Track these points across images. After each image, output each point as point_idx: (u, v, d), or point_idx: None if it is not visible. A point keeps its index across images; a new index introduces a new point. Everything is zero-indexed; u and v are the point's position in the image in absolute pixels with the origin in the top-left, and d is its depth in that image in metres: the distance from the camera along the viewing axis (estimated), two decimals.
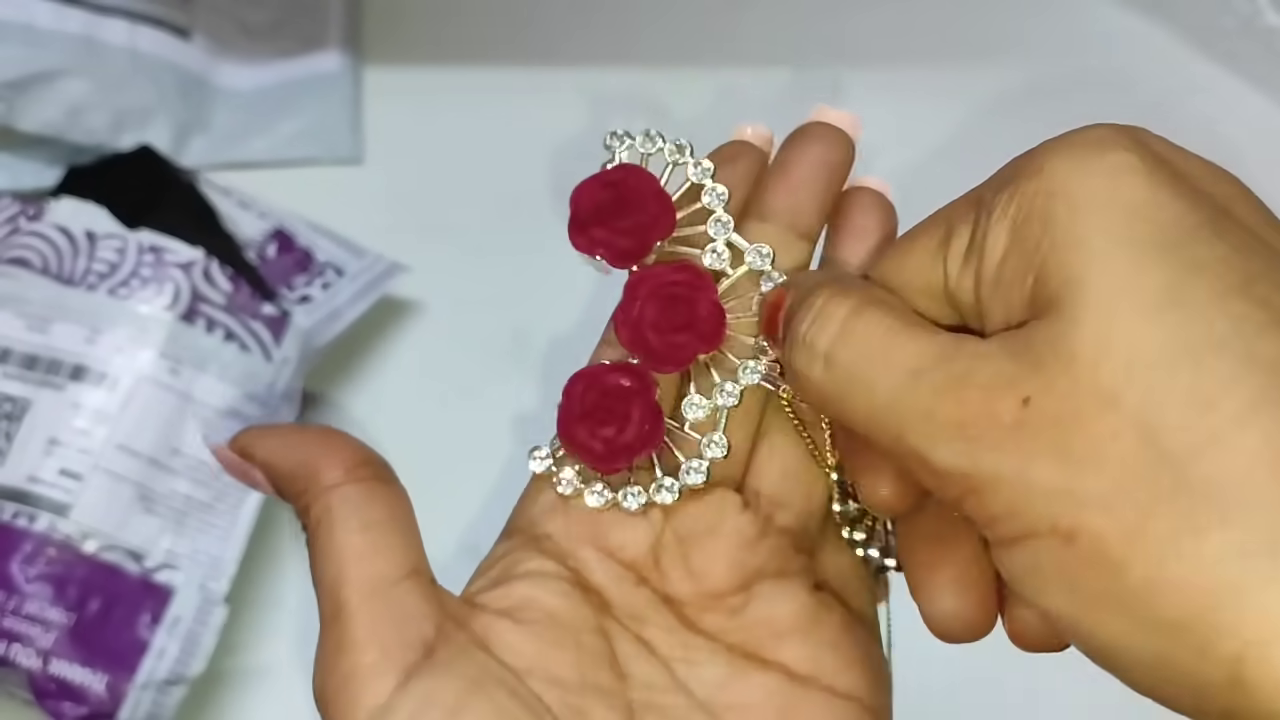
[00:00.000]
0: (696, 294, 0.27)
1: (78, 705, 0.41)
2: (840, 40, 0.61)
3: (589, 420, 0.27)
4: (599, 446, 0.27)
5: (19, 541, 0.41)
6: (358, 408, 0.52)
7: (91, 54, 0.51)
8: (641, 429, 0.27)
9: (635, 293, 0.27)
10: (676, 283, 0.27)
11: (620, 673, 0.27)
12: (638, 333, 0.27)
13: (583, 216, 0.28)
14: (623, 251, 0.28)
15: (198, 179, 0.51)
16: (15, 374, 0.43)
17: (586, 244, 0.28)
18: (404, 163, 0.57)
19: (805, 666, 0.28)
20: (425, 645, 0.25)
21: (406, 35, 0.60)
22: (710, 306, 0.27)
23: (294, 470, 0.27)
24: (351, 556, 0.26)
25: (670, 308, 0.27)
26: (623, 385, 0.27)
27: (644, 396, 0.27)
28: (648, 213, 0.28)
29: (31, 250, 0.44)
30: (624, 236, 0.28)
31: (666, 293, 0.27)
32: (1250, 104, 0.60)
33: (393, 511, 0.27)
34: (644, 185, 0.28)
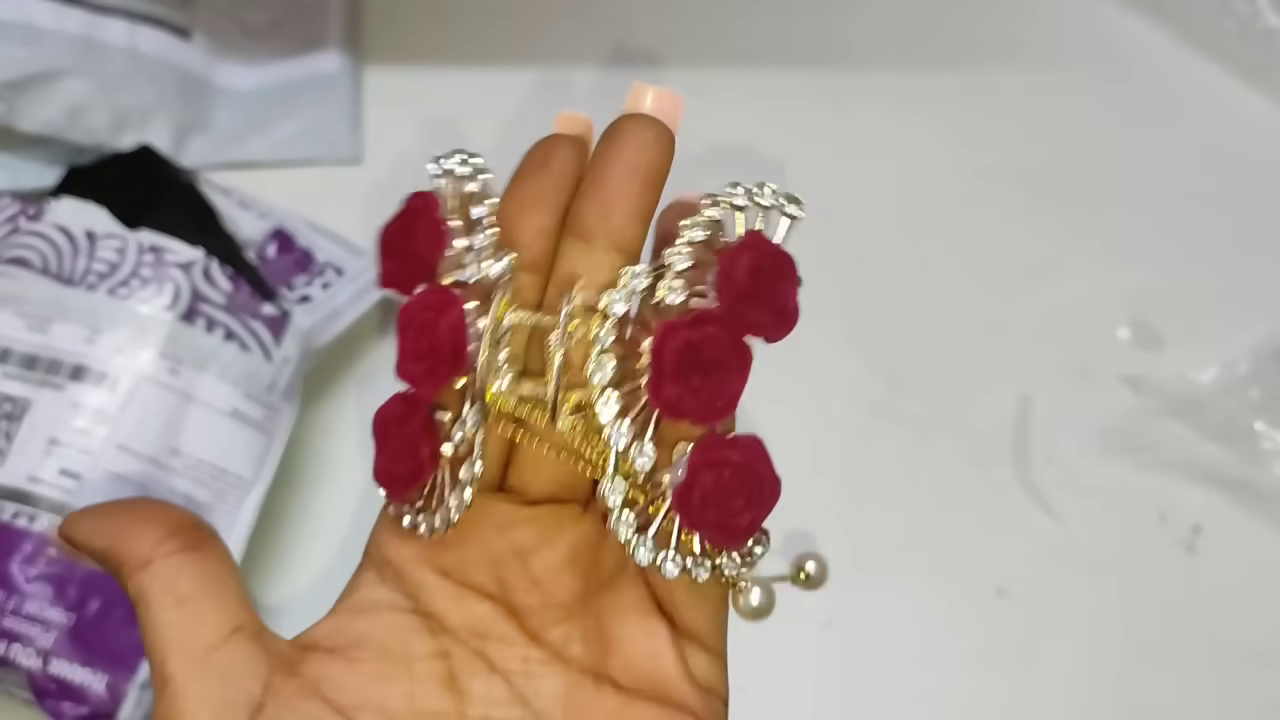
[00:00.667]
0: (438, 317, 0.27)
1: (78, 705, 0.41)
2: (840, 41, 0.61)
3: (378, 452, 0.28)
4: (383, 477, 0.28)
5: (19, 541, 0.41)
6: (358, 408, 0.52)
7: (91, 54, 0.51)
8: (408, 458, 0.27)
9: (400, 322, 0.28)
10: (425, 306, 0.27)
11: (459, 691, 0.28)
12: (400, 362, 0.28)
13: (380, 253, 0.29)
14: (401, 279, 0.28)
15: (198, 179, 0.51)
16: (15, 374, 0.43)
17: (383, 279, 0.28)
18: (404, 163, 0.57)
19: (638, 679, 0.28)
20: (252, 704, 0.26)
21: (406, 35, 0.60)
22: (449, 329, 0.27)
23: (107, 552, 0.28)
24: (169, 632, 0.26)
25: (419, 334, 0.27)
26: (393, 414, 0.28)
27: (409, 425, 0.28)
28: (419, 240, 0.28)
29: (31, 250, 0.44)
30: (409, 264, 0.28)
31: (418, 319, 0.27)
32: (1250, 104, 0.60)
33: (204, 577, 0.27)
34: (424, 213, 0.28)
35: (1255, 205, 0.59)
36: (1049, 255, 0.57)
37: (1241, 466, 0.51)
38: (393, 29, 0.60)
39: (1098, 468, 0.52)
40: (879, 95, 0.60)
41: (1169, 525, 0.52)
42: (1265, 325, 0.55)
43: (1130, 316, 0.56)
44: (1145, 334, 0.55)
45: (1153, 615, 0.50)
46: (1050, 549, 0.51)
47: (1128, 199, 0.59)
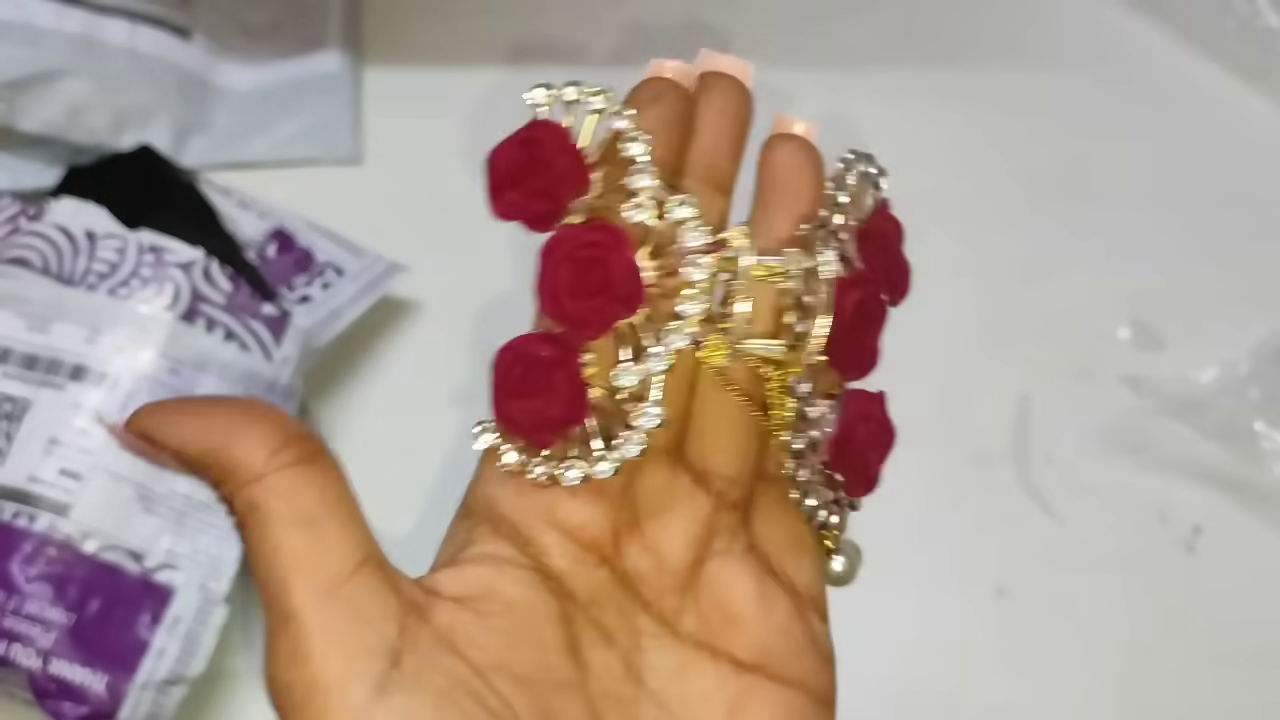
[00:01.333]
0: (610, 254, 0.25)
1: (78, 705, 0.41)
2: (840, 40, 0.61)
3: (515, 395, 0.26)
4: (526, 420, 0.26)
5: (19, 541, 0.41)
6: (358, 408, 0.52)
7: (91, 54, 0.51)
8: (567, 401, 0.25)
9: (550, 258, 0.25)
10: (591, 243, 0.25)
11: (580, 662, 0.25)
12: (554, 299, 0.25)
13: (498, 179, 0.26)
14: (538, 215, 0.26)
15: (198, 179, 0.51)
16: (15, 374, 0.43)
17: (504, 210, 0.26)
18: (404, 163, 0.57)
19: (754, 655, 0.27)
20: (391, 651, 0.23)
21: (406, 35, 0.60)
22: (624, 267, 0.25)
23: (207, 457, 0.24)
24: (293, 559, 0.23)
25: (586, 271, 0.25)
26: (544, 356, 0.26)
27: (566, 367, 0.25)
28: (556, 170, 0.26)
29: (31, 250, 0.44)
30: (537, 198, 0.26)
31: (580, 255, 0.25)
32: (1250, 104, 0.60)
33: (327, 496, 0.24)
34: (554, 140, 0.26)
35: (1255, 205, 0.59)
36: (1049, 255, 0.57)
37: (1241, 466, 0.51)
38: (393, 29, 0.60)
39: (1098, 468, 0.52)
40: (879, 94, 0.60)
41: (1169, 525, 0.52)
42: (1265, 325, 0.54)
43: (1130, 316, 0.56)
44: (1145, 334, 0.55)
45: (1153, 615, 0.50)
46: (1050, 549, 0.51)
47: (1128, 199, 0.58)
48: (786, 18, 0.62)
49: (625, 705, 0.25)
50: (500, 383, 0.26)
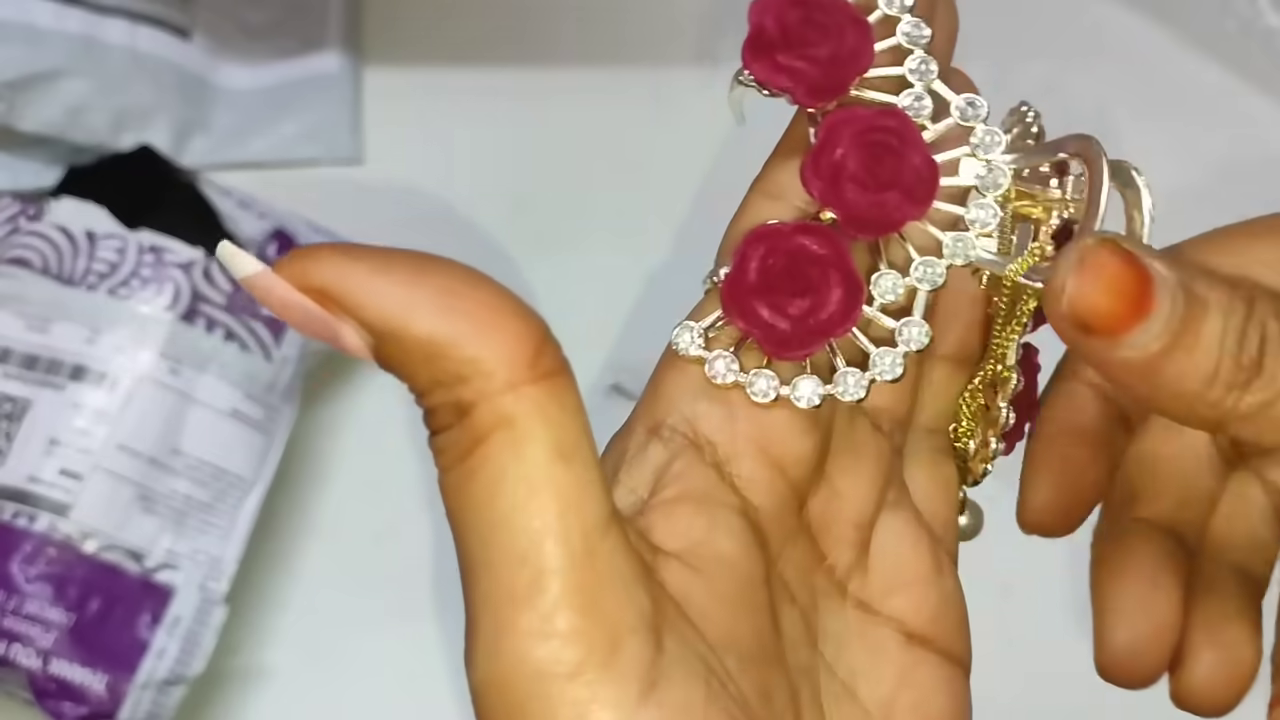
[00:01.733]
0: (907, 146, 0.22)
1: (78, 705, 0.41)
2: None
3: (773, 292, 0.21)
4: (785, 325, 0.21)
5: (19, 541, 0.41)
6: (358, 408, 0.52)
7: (91, 54, 0.51)
8: (843, 304, 0.21)
9: (834, 137, 0.22)
10: (885, 129, 0.22)
11: (778, 629, 0.21)
12: (835, 186, 0.22)
13: (767, 38, 0.22)
14: (814, 85, 0.22)
15: (198, 179, 0.51)
16: (15, 374, 0.43)
17: (767, 71, 0.22)
18: (404, 163, 0.57)
19: (925, 625, 0.23)
20: (653, 630, 0.18)
21: (406, 35, 0.60)
22: (923, 161, 0.22)
23: (443, 344, 0.18)
24: (559, 499, 0.18)
25: (877, 159, 0.22)
26: (815, 251, 0.21)
27: (841, 265, 0.21)
28: (845, 43, 0.22)
29: (31, 250, 0.44)
30: (817, 67, 0.22)
31: (873, 140, 0.22)
32: (1250, 104, 0.60)
33: (583, 421, 0.19)
34: (840, 9, 0.23)
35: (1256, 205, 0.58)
36: None
37: None
38: (393, 29, 0.60)
39: None
40: None
41: None
42: None
43: None
44: None
45: None
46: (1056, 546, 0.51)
47: None
48: None
49: (811, 678, 0.22)
50: (752, 277, 0.22)
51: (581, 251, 0.55)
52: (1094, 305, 0.20)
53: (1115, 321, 0.20)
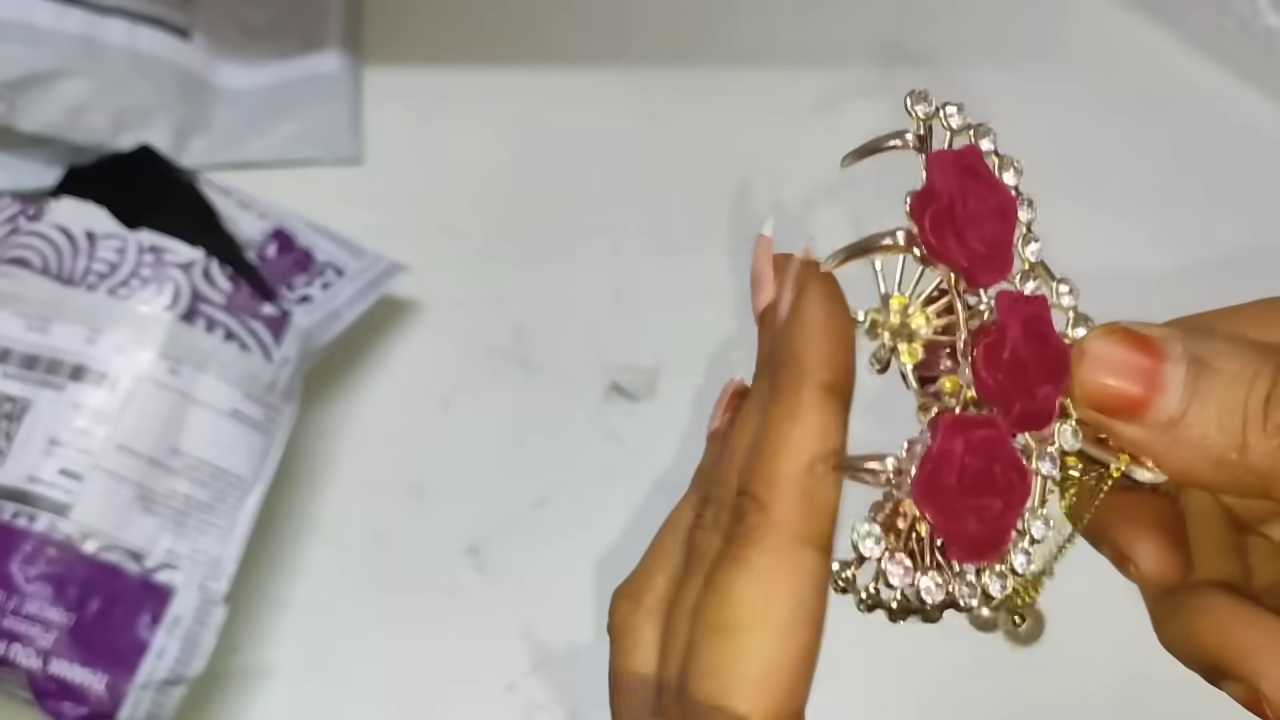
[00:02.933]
0: (1050, 332, 0.21)
1: (78, 705, 0.41)
2: (840, 40, 0.61)
3: (969, 493, 0.20)
4: (978, 528, 0.20)
5: (19, 541, 0.41)
6: (358, 408, 0.52)
7: (91, 54, 0.51)
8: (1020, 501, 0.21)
9: (1010, 324, 0.21)
10: (1039, 317, 0.21)
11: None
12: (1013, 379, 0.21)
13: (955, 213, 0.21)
14: (988, 269, 0.21)
15: (198, 179, 0.51)
16: (15, 374, 0.43)
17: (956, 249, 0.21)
18: (404, 163, 0.57)
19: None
20: None
21: (406, 35, 0.60)
22: (1061, 349, 0.21)
23: None
24: None
25: (1040, 350, 0.21)
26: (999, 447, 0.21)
27: (1016, 460, 0.21)
28: (1009, 226, 0.22)
29: (31, 250, 0.44)
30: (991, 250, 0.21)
31: (1035, 330, 0.21)
32: (1250, 104, 0.60)
33: None
34: (1000, 189, 0.22)
35: (1255, 204, 0.59)
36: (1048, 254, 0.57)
37: None
38: (393, 29, 0.60)
39: None
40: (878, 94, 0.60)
41: None
42: None
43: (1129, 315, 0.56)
44: None
45: None
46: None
47: (1127, 198, 0.58)
48: (786, 18, 0.61)
49: None
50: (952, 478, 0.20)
51: (580, 251, 0.55)
52: (1104, 390, 0.21)
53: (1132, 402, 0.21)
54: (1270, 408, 0.21)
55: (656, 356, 0.53)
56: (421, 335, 0.53)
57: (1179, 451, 0.21)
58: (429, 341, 0.53)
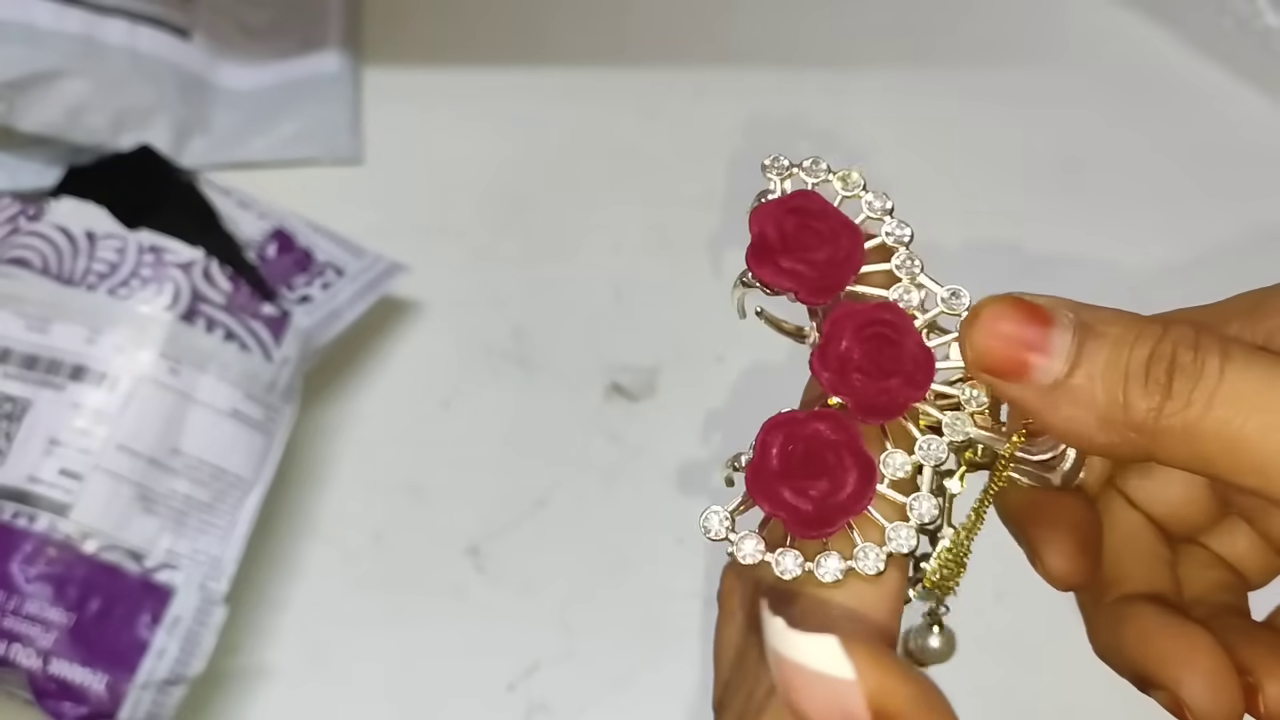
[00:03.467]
0: (904, 336, 0.24)
1: (78, 705, 0.41)
2: (840, 40, 0.61)
3: (794, 476, 0.23)
4: (808, 506, 0.23)
5: (19, 541, 0.41)
6: (358, 408, 0.52)
7: (91, 54, 0.51)
8: (858, 484, 0.23)
9: (838, 331, 0.24)
10: (883, 321, 0.24)
11: None
12: (843, 376, 0.24)
13: (769, 244, 0.25)
14: (815, 286, 0.25)
15: (198, 179, 0.51)
16: (15, 374, 0.43)
17: (773, 274, 0.25)
18: (404, 163, 0.57)
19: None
20: None
21: (406, 35, 0.60)
22: (918, 348, 0.24)
23: None
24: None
25: (879, 350, 0.24)
26: (829, 435, 0.24)
27: (854, 447, 0.24)
28: (840, 247, 0.25)
29: (31, 250, 0.44)
30: (816, 270, 0.25)
31: (873, 332, 0.24)
32: (1249, 102, 0.60)
33: None
34: (832, 216, 0.25)
35: (1255, 203, 0.59)
36: (1048, 254, 0.57)
37: None
38: (393, 29, 0.60)
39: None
40: (878, 94, 0.60)
41: None
42: None
43: None
44: None
45: None
46: None
47: (1127, 197, 0.58)
48: (786, 18, 0.62)
49: None
50: (773, 463, 0.24)
51: (580, 251, 0.55)
52: (993, 350, 0.22)
53: (1016, 363, 0.22)
54: (1151, 365, 0.21)
55: (656, 356, 0.53)
56: (421, 335, 0.53)
57: (1063, 411, 0.22)
58: (429, 341, 0.53)
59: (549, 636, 0.48)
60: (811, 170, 0.26)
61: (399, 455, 0.51)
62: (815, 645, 0.18)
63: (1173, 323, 0.22)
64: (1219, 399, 0.21)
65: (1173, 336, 0.22)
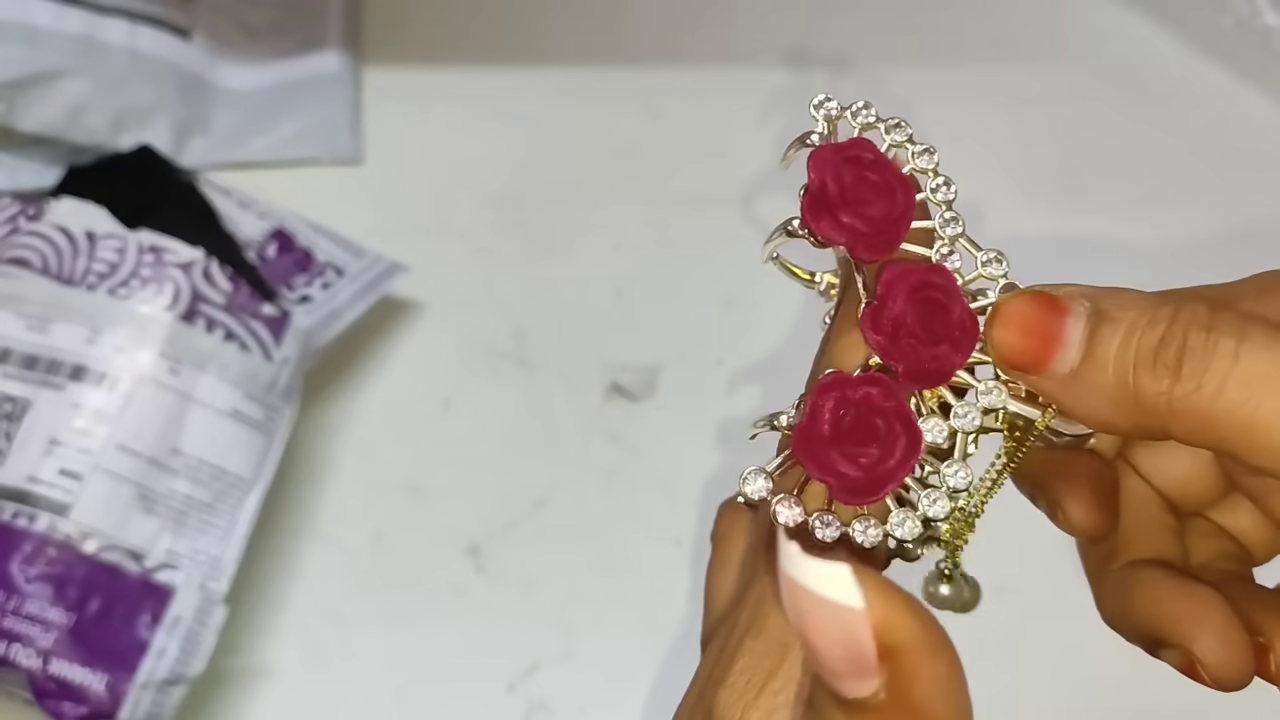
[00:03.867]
0: (952, 300, 0.24)
1: (78, 705, 0.41)
2: (841, 40, 0.61)
3: (845, 442, 0.23)
4: (858, 474, 0.23)
5: (19, 541, 0.41)
6: (358, 408, 0.52)
7: (91, 54, 0.51)
8: (905, 452, 0.23)
9: (893, 293, 0.23)
10: (935, 285, 0.23)
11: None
12: (895, 341, 0.23)
13: (829, 197, 0.24)
14: (871, 243, 0.24)
15: (198, 179, 0.51)
16: (15, 374, 0.43)
17: (830, 228, 0.24)
18: (404, 163, 0.57)
19: None
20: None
21: (406, 35, 0.60)
22: (965, 314, 0.24)
23: None
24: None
25: (931, 315, 0.23)
26: (881, 402, 0.23)
27: (903, 415, 0.23)
28: (896, 203, 0.24)
29: (31, 250, 0.44)
30: (874, 228, 0.24)
31: (926, 296, 0.23)
32: (1249, 102, 0.60)
33: None
34: (886, 168, 0.24)
35: (1255, 204, 0.59)
36: (1048, 254, 0.57)
37: None
38: (393, 29, 0.60)
39: None
40: (878, 94, 0.60)
41: None
42: None
43: None
44: None
45: None
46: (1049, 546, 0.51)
47: (1126, 196, 0.59)
48: (786, 17, 0.62)
49: None
50: (826, 428, 0.23)
51: (580, 251, 0.55)
52: (1012, 345, 0.23)
53: (1035, 356, 0.23)
54: (1160, 350, 0.22)
55: (656, 356, 0.53)
56: (421, 335, 0.53)
57: (1082, 399, 0.22)
58: (429, 341, 0.53)
59: (549, 636, 0.48)
60: (861, 115, 0.26)
61: (399, 455, 0.51)
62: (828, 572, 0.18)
63: (1187, 302, 0.22)
64: (1232, 381, 0.21)
65: (1184, 318, 0.22)
